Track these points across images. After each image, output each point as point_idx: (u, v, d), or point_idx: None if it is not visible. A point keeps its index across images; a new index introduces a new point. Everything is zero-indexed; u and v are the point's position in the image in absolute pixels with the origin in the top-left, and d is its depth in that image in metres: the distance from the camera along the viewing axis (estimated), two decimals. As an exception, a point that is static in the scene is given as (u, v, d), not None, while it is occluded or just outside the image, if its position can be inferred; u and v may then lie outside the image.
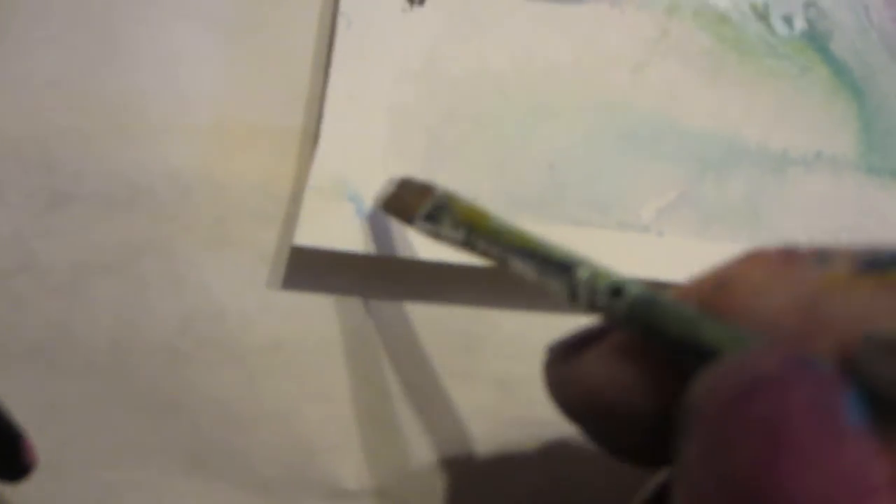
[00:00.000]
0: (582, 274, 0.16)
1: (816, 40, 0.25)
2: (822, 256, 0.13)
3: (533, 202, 0.23)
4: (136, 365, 0.22)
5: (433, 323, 0.23)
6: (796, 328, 0.12)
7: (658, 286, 0.22)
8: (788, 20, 0.26)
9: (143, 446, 0.22)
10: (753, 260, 0.14)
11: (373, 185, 0.23)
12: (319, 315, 0.23)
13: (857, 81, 0.25)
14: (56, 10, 0.25)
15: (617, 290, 0.15)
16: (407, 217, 0.20)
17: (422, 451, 0.23)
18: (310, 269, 0.23)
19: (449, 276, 0.23)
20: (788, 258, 0.14)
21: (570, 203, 0.23)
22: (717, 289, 0.14)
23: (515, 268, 0.17)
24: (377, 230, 0.22)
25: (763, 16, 0.26)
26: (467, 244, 0.19)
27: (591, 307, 0.16)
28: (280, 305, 0.23)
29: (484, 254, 0.18)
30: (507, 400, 0.23)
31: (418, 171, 0.24)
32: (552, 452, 0.23)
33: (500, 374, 0.23)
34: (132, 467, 0.22)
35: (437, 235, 0.19)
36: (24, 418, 0.22)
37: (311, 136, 0.24)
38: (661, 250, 0.23)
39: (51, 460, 0.22)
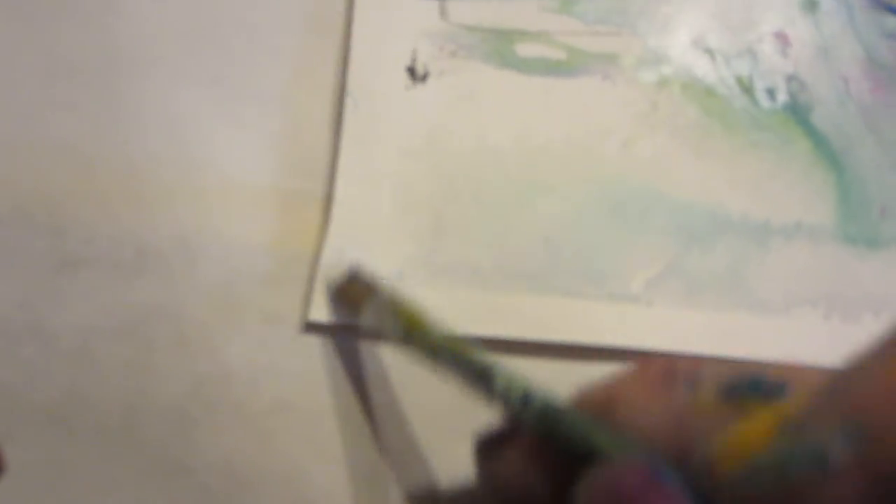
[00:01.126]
0: (499, 381, 0.19)
1: (798, 113, 0.27)
2: (691, 382, 0.16)
3: (529, 275, 0.24)
4: (147, 427, 0.23)
5: (436, 381, 0.24)
6: (668, 443, 0.16)
7: (648, 355, 0.24)
8: (772, 93, 0.27)
9: (153, 507, 0.23)
10: (639, 378, 0.17)
11: (382, 262, 0.24)
12: (326, 378, 0.24)
13: (836, 153, 0.26)
14: (64, 74, 0.26)
15: (527, 397, 0.18)
16: (353, 310, 0.22)
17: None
18: (317, 335, 0.24)
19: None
20: (667, 379, 0.17)
21: (564, 275, 0.25)
22: (606, 405, 0.17)
23: (445, 369, 0.20)
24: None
25: (748, 89, 0.27)
26: (405, 341, 0.21)
27: (506, 409, 0.19)
28: (287, 368, 0.24)
29: (419, 353, 0.21)
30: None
31: (423, 247, 0.25)
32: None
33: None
34: (143, 529, 0.23)
35: (379, 331, 0.22)
36: (36, 481, 0.22)
37: (319, 199, 0.25)
38: (651, 320, 0.24)
39: (64, 522, 0.22)
